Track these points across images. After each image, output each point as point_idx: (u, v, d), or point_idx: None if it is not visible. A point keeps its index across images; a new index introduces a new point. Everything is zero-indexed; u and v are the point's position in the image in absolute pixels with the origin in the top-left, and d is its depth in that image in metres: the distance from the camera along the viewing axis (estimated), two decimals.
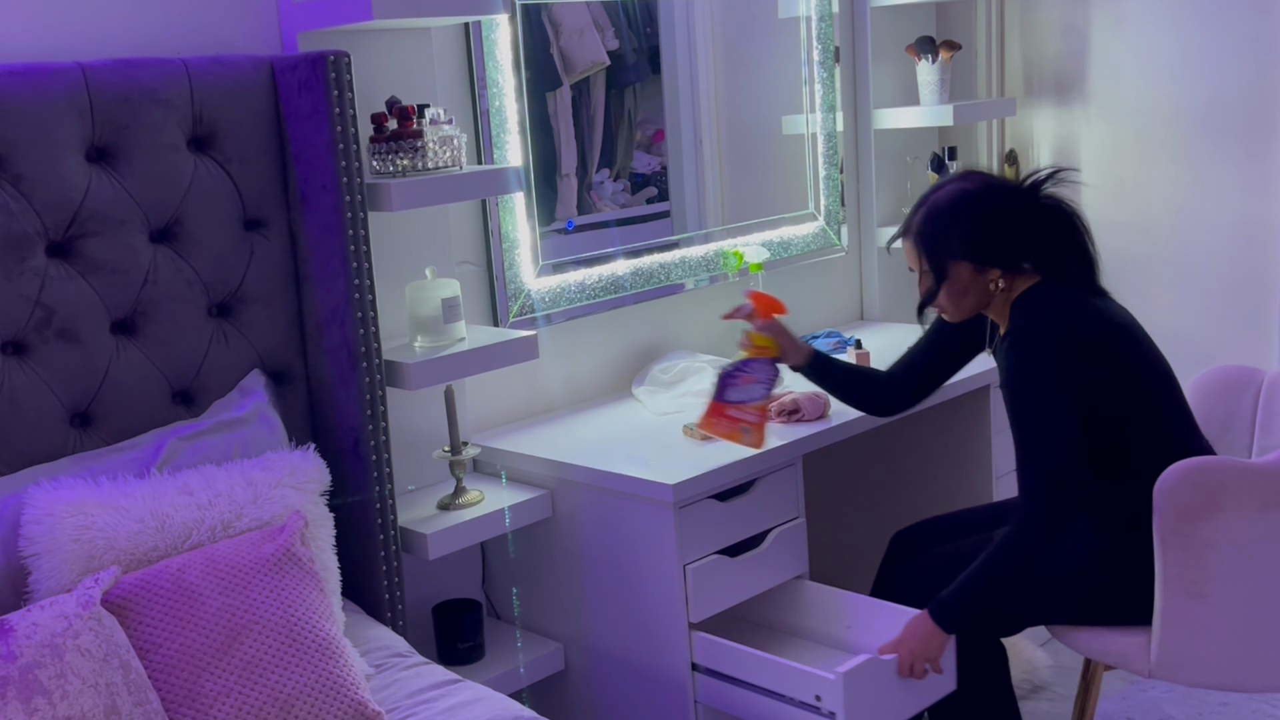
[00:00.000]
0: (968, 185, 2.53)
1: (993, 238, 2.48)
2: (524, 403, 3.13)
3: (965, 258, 2.49)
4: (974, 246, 2.48)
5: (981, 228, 2.48)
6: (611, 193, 3.27)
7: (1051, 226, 2.51)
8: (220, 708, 1.95)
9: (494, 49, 2.93)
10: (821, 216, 3.80)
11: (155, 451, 2.30)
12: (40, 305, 2.23)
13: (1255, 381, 2.77)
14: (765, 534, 2.74)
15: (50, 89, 2.23)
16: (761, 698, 2.52)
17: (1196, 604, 2.32)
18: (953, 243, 2.49)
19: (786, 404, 2.89)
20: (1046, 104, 3.99)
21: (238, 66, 2.45)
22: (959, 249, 2.49)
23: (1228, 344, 3.67)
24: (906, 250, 2.59)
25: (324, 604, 2.15)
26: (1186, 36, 3.66)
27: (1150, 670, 2.41)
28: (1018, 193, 2.53)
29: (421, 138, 2.53)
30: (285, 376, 2.56)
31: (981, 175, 2.60)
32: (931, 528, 2.80)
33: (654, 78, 3.33)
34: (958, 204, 2.50)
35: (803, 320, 3.78)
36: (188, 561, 2.08)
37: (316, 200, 2.47)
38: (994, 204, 2.50)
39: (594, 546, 2.76)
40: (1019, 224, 2.49)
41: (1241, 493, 2.27)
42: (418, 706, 2.18)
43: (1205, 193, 3.69)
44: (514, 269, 3.02)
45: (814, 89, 3.72)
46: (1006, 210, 2.50)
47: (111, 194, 2.30)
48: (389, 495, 2.55)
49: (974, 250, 2.48)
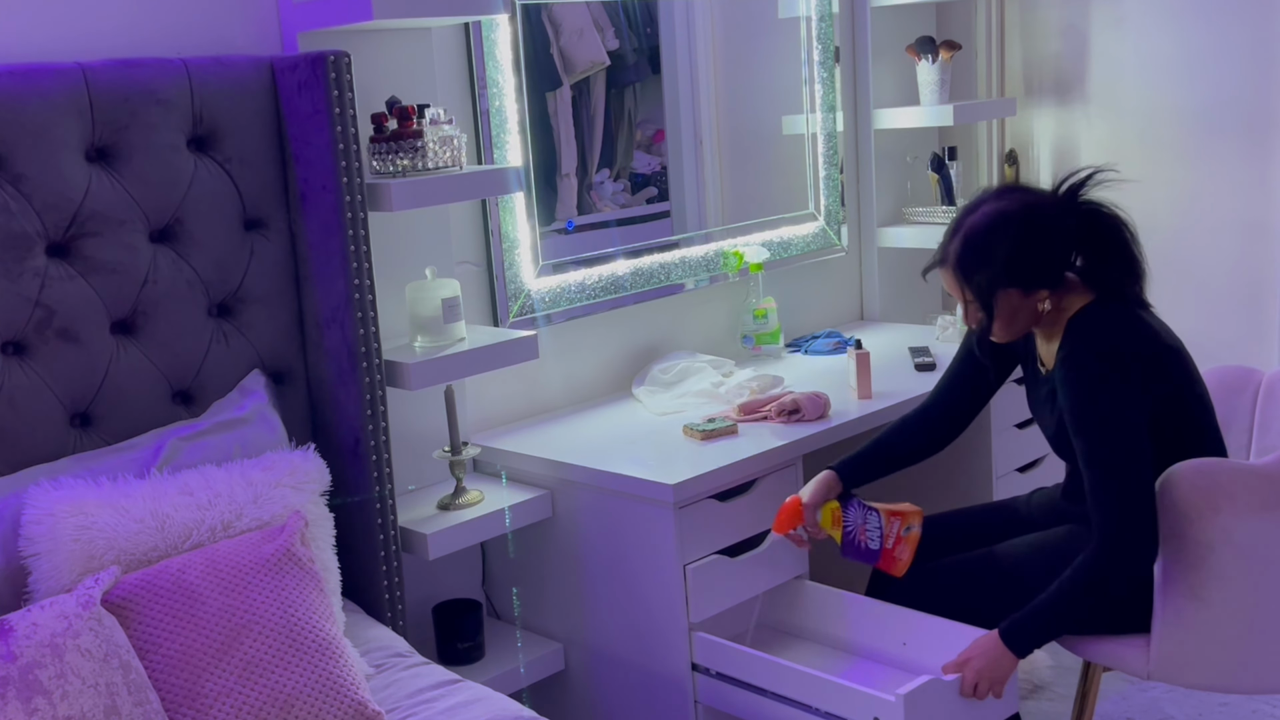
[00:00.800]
0: (1003, 205, 2.42)
1: (1037, 259, 2.39)
2: (524, 403, 3.13)
3: (1011, 284, 2.39)
4: (1018, 271, 2.38)
5: (1024, 251, 2.38)
6: (611, 193, 3.27)
7: (1094, 235, 2.42)
8: (220, 708, 1.95)
9: (494, 49, 2.93)
10: (821, 216, 3.80)
11: (155, 451, 2.30)
12: (40, 305, 2.23)
13: (1253, 382, 2.76)
14: (765, 534, 2.74)
15: (50, 89, 2.22)
16: (766, 700, 2.51)
17: (1196, 606, 2.32)
18: (996, 270, 2.38)
19: (786, 404, 2.89)
20: (1047, 104, 3.99)
21: (238, 66, 2.45)
22: (1003, 276, 2.38)
23: (1228, 344, 3.67)
24: (945, 280, 2.48)
25: (324, 604, 2.15)
26: (1187, 36, 3.65)
27: (1149, 672, 2.40)
28: (1055, 204, 2.42)
29: (421, 138, 2.53)
30: (285, 376, 2.56)
31: (1016, 192, 2.49)
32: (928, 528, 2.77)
33: (654, 78, 3.33)
34: (996, 228, 2.39)
35: (802, 320, 3.78)
36: (188, 561, 2.07)
37: (316, 200, 2.47)
38: (1033, 223, 2.39)
39: (594, 547, 2.76)
40: (1061, 239, 2.40)
41: (1241, 494, 2.26)
42: (418, 706, 2.18)
43: (1206, 193, 3.69)
44: (514, 269, 3.02)
45: (814, 89, 3.72)
46: (1046, 227, 2.39)
47: (111, 194, 2.30)
48: (389, 495, 2.55)
49: (1019, 275, 2.38)
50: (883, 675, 2.60)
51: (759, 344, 3.49)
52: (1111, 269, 2.42)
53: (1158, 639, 2.37)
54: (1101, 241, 2.42)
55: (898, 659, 2.63)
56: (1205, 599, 2.31)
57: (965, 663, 2.36)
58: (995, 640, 2.36)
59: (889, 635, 2.64)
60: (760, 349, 3.49)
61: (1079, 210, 2.43)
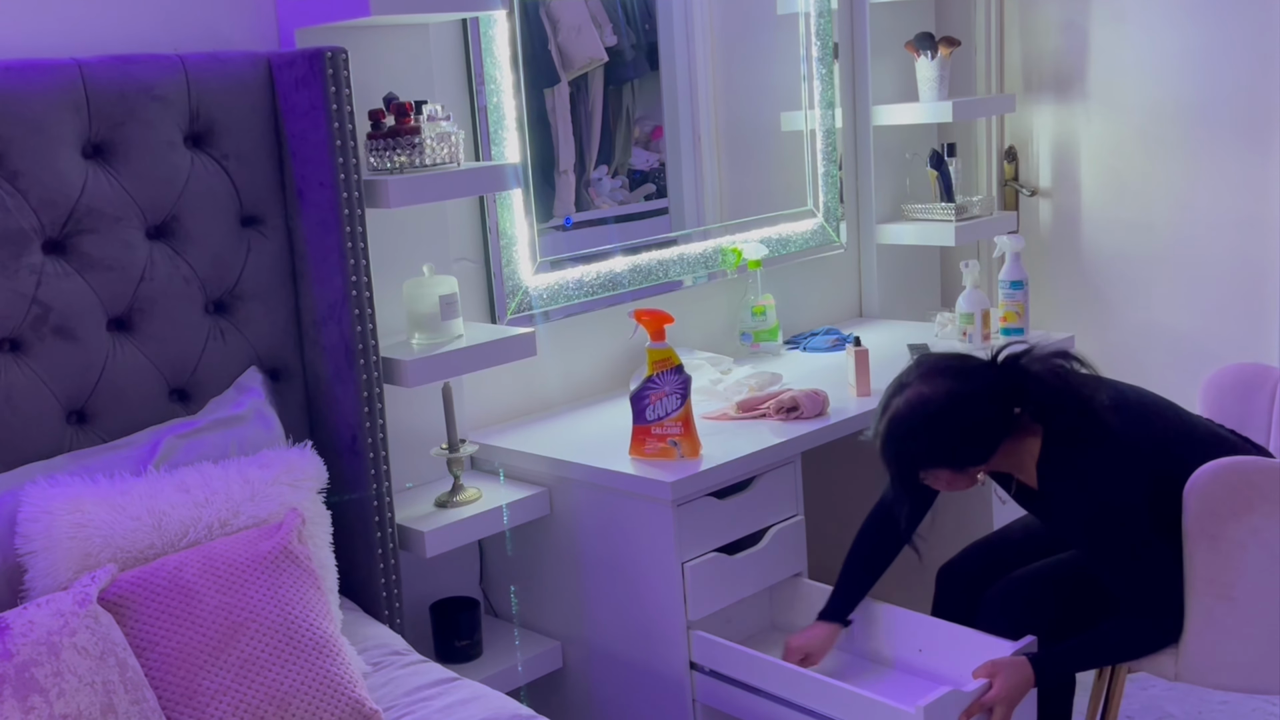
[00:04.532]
0: (926, 390, 2.33)
1: (962, 447, 2.35)
2: (522, 400, 3.13)
3: (937, 466, 2.38)
4: (943, 457, 2.36)
5: (948, 439, 2.34)
6: (610, 189, 3.26)
7: (1034, 396, 2.35)
8: (217, 706, 1.95)
9: (492, 45, 2.92)
10: (820, 213, 3.79)
11: (152, 449, 2.30)
12: (37, 302, 2.23)
13: (1270, 379, 2.72)
14: (764, 532, 2.74)
15: (47, 85, 2.22)
16: (763, 700, 2.50)
17: (1225, 607, 2.30)
18: (919, 458, 2.37)
19: (785, 401, 2.88)
20: (1046, 100, 3.98)
21: (235, 63, 2.44)
22: (928, 461, 2.37)
23: (1229, 340, 3.66)
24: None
25: (321, 602, 2.14)
26: (1187, 32, 3.65)
27: (1176, 674, 2.38)
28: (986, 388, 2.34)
29: (419, 134, 2.52)
30: (282, 374, 2.55)
31: (944, 377, 2.36)
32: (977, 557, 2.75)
33: (652, 74, 3.33)
34: (919, 416, 2.33)
35: (801, 318, 3.78)
36: (185, 559, 2.07)
37: (314, 197, 2.46)
38: (958, 414, 2.33)
39: (592, 544, 2.76)
40: (989, 427, 2.34)
41: (1274, 493, 2.24)
42: (415, 705, 2.17)
43: (1206, 189, 3.68)
44: (512, 266, 3.02)
45: (813, 85, 3.72)
46: (973, 419, 2.33)
47: (108, 191, 2.30)
48: (386, 493, 2.55)
49: (945, 459, 2.37)
50: (888, 680, 2.60)
51: (757, 341, 3.49)
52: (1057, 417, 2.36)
53: (1186, 640, 2.35)
54: (1043, 396, 2.36)
55: (892, 660, 2.63)
56: (1235, 599, 2.29)
57: (993, 679, 2.34)
58: (1026, 668, 2.35)
59: (880, 636, 2.64)
60: (759, 346, 3.49)
61: (1015, 380, 2.36)
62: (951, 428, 2.34)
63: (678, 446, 2.65)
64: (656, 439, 2.67)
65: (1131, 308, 3.87)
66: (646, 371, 2.66)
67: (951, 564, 2.75)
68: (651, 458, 2.67)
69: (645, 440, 2.68)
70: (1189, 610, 2.33)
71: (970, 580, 2.68)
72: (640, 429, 2.69)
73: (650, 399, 2.66)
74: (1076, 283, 3.98)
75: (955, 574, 2.73)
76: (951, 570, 2.74)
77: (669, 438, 2.65)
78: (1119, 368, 3.75)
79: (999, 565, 2.66)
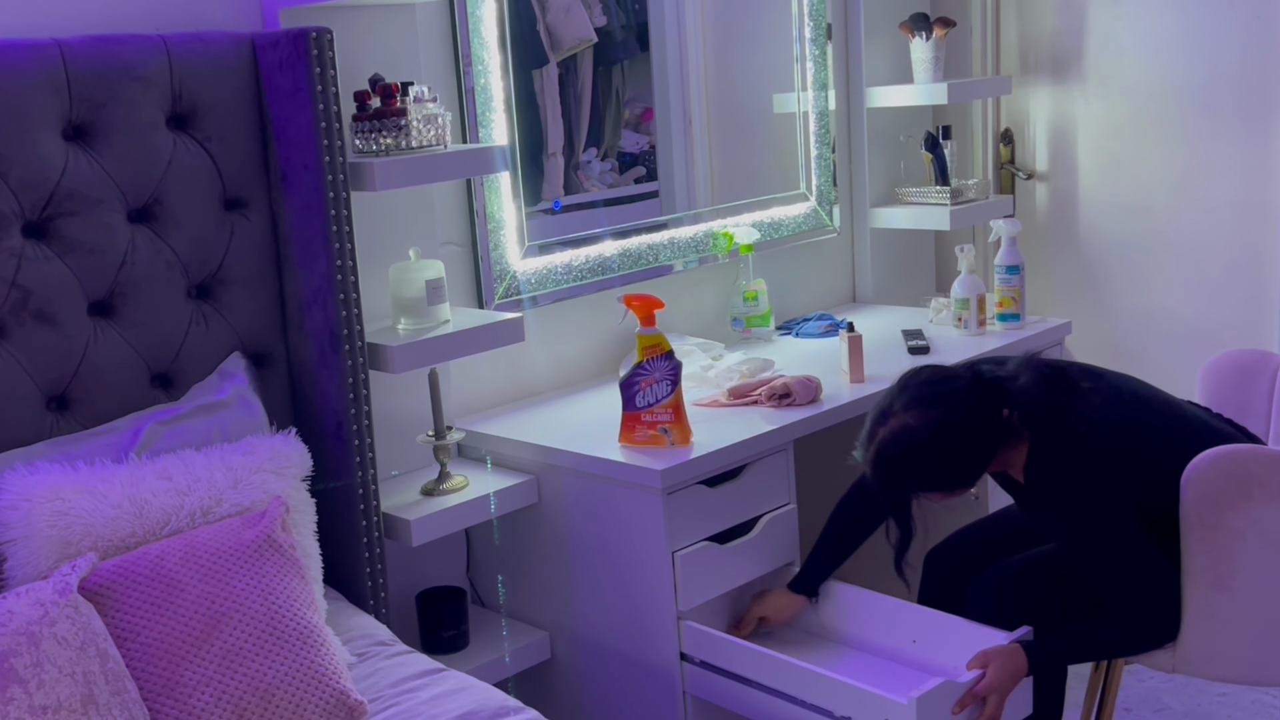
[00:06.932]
0: (911, 422, 2.31)
1: (951, 473, 2.36)
2: (509, 386, 3.11)
3: (929, 492, 2.40)
4: (933, 485, 2.38)
5: (937, 470, 2.35)
6: (599, 172, 3.23)
7: (1020, 404, 2.36)
8: (199, 697, 1.94)
9: (479, 25, 2.90)
10: (813, 197, 3.77)
11: (133, 436, 2.29)
12: (16, 286, 2.21)
13: (1270, 366, 2.71)
14: (756, 520, 2.72)
15: (26, 66, 2.20)
16: (754, 691, 2.49)
17: (1223, 597, 2.28)
18: (910, 487, 2.39)
19: (778, 388, 2.86)
20: (1042, 82, 3.96)
21: (218, 43, 2.42)
22: (918, 489, 2.40)
23: (1227, 325, 3.65)
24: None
25: (305, 591, 2.14)
26: (1185, 14, 3.62)
27: (1174, 666, 2.37)
28: (971, 416, 2.33)
29: (405, 116, 2.50)
30: (266, 359, 2.54)
31: (928, 406, 2.33)
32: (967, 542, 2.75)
33: (642, 55, 3.30)
34: (905, 450, 2.32)
35: (793, 303, 3.75)
36: (166, 548, 2.07)
37: (298, 180, 2.44)
38: (946, 441, 2.32)
39: (581, 533, 2.74)
40: (975, 453, 2.35)
41: (1273, 482, 2.23)
42: (401, 696, 2.16)
43: (1204, 173, 3.66)
44: (499, 250, 2.99)
45: (806, 67, 3.69)
46: (960, 442, 2.33)
47: (89, 173, 2.28)
48: (372, 480, 2.54)
49: (935, 486, 2.39)
50: (880, 671, 2.58)
51: (749, 326, 3.47)
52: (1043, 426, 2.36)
53: (1184, 632, 2.34)
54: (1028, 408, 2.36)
55: (885, 651, 2.62)
56: (1233, 589, 2.27)
57: (986, 669, 2.33)
58: (1020, 657, 2.34)
59: (870, 626, 2.63)
60: (750, 332, 3.47)
61: (999, 396, 2.36)
62: (939, 459, 2.34)
63: (668, 434, 2.63)
64: (646, 426, 2.64)
65: (1129, 293, 3.85)
66: (636, 357, 2.64)
67: (940, 548, 2.75)
68: (641, 445, 2.65)
69: (635, 427, 2.66)
70: (1186, 601, 2.32)
71: (959, 565, 2.69)
72: (630, 416, 2.66)
73: (640, 385, 2.64)
74: (1073, 267, 3.96)
75: (944, 558, 2.73)
76: (940, 554, 2.74)
77: (659, 425, 2.63)
78: (1117, 354, 3.76)
79: (989, 551, 2.67)
